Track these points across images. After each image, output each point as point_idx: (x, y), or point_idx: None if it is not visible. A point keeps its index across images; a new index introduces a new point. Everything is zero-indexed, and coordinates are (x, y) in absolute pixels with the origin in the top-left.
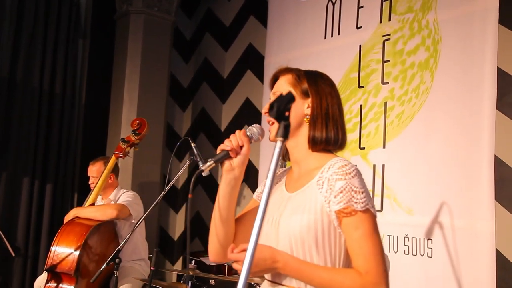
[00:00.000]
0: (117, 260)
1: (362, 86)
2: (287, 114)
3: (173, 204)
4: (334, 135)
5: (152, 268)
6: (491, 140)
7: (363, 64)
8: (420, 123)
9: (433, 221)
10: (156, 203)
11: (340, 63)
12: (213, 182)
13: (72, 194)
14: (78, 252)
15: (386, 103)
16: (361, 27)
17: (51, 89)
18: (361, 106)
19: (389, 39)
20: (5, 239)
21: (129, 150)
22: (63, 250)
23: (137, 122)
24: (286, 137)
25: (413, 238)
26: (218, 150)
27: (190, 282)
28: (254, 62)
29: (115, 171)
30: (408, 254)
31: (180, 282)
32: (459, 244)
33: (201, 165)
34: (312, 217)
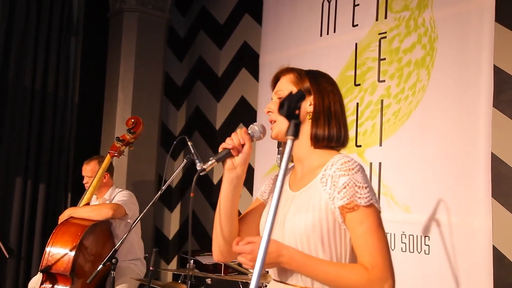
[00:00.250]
0: (113, 260)
1: (359, 84)
2: (297, 112)
3: (167, 203)
4: (336, 132)
5: (151, 268)
6: (488, 137)
7: (359, 62)
8: (416, 121)
9: (430, 218)
10: (153, 203)
11: (336, 61)
12: (208, 181)
13: (65, 194)
14: (73, 252)
15: (382, 101)
16: (357, 25)
17: (44, 87)
18: (357, 104)
19: (385, 37)
20: None
21: (124, 149)
22: (58, 251)
23: (132, 120)
24: (296, 135)
25: (410, 235)
26: (220, 148)
27: (189, 282)
28: (249, 60)
29: (110, 170)
30: (405, 251)
31: (177, 281)
32: (456, 241)
33: (198, 164)
34: (317, 215)
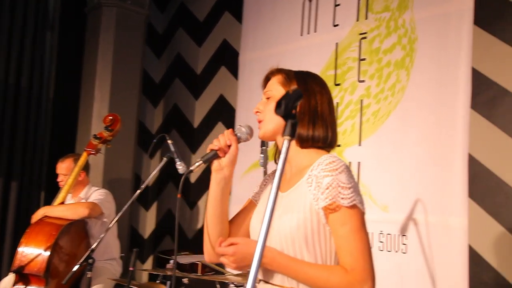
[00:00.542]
0: (90, 260)
1: (338, 84)
2: (294, 112)
3: (143, 202)
4: (322, 133)
5: (131, 268)
6: (465, 138)
7: (340, 62)
8: (395, 121)
9: (407, 217)
10: (131, 202)
11: (316, 61)
12: (185, 180)
13: (39, 193)
14: (48, 252)
15: (362, 101)
16: (337, 25)
17: (17, 83)
18: (337, 103)
19: (365, 38)
20: None
21: (101, 147)
22: (32, 251)
23: (109, 118)
24: (293, 135)
25: (388, 234)
26: (208, 150)
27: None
28: (228, 58)
29: (86, 168)
30: (383, 250)
31: (155, 282)
32: (433, 240)
33: (178, 162)
34: (301, 216)
